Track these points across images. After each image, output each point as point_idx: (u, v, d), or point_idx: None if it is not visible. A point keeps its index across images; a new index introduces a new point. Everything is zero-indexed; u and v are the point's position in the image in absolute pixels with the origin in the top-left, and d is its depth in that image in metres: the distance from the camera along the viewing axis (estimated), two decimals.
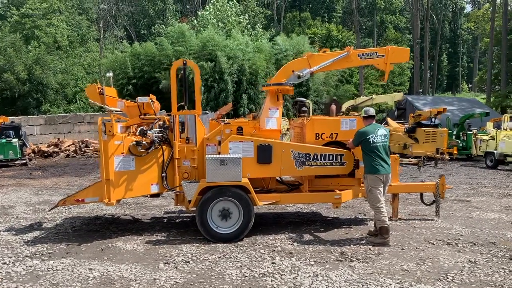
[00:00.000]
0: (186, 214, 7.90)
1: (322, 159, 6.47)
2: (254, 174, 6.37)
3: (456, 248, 5.78)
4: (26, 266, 5.05)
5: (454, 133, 21.07)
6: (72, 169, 16.04)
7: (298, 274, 4.78)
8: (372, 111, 6.37)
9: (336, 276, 4.72)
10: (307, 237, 6.33)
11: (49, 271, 4.91)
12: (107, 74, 23.65)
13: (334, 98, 8.48)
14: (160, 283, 4.56)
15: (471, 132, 20.55)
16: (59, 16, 34.08)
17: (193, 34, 28.66)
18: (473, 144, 19.80)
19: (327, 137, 6.65)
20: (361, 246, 5.85)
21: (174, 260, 5.28)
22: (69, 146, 22.31)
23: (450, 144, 18.88)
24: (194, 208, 6.37)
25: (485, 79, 40.89)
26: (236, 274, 4.81)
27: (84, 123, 25.69)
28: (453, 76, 63.40)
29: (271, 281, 4.60)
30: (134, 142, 6.20)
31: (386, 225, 5.94)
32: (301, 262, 5.18)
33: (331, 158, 6.49)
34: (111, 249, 5.74)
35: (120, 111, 6.89)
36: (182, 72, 6.94)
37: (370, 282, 4.56)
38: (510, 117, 19.20)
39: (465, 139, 20.72)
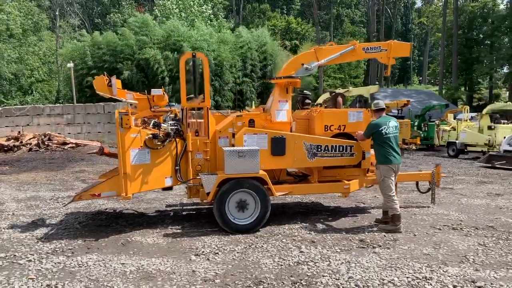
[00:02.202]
0: (189, 207, 7.90)
1: (333, 150, 6.68)
2: (268, 165, 6.47)
3: (462, 233, 6.17)
4: (55, 263, 4.91)
5: (416, 124, 22.00)
6: (40, 164, 15.42)
7: (330, 262, 4.95)
8: (382, 103, 6.63)
9: (367, 262, 4.94)
10: (320, 226, 6.53)
11: (81, 267, 4.81)
12: (68, 65, 23.03)
13: (337, 91, 8.68)
14: (201, 274, 4.60)
15: (433, 123, 21.56)
16: (11, 2, 32.30)
17: (157, 24, 28.15)
18: (435, 134, 20.78)
19: (335, 129, 6.85)
20: (376, 233, 6.12)
21: (203, 252, 5.31)
22: (30, 139, 21.32)
23: (412, 135, 19.74)
24: (207, 201, 6.42)
25: (437, 72, 42.77)
26: (271, 263, 4.92)
27: (43, 115, 24.57)
28: (405, 69, 65.81)
29: (308, 269, 4.75)
30: (150, 135, 6.13)
31: (398, 213, 6.23)
32: (327, 250, 5.36)
33: (341, 149, 6.71)
34: (132, 244, 5.68)
35: (132, 104, 6.74)
36: (191, 64, 6.84)
37: (400, 266, 4.81)
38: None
39: (426, 129, 21.70)
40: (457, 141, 18.68)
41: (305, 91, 7.86)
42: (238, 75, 28.08)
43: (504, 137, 17.26)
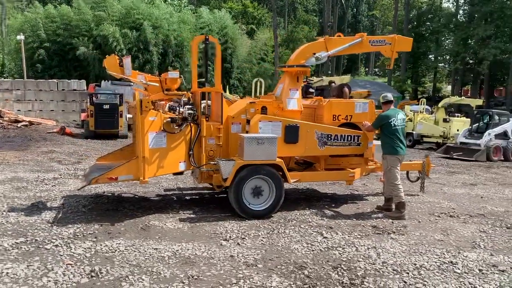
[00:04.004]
0: (189, 192, 7.89)
1: (342, 140, 6.90)
2: (281, 153, 6.53)
3: (460, 220, 6.62)
4: (84, 248, 4.76)
5: None
6: None
7: (357, 247, 5.17)
8: (390, 96, 6.91)
9: (391, 248, 5.21)
10: (329, 212, 6.76)
11: (113, 252, 4.71)
12: (18, 37, 21.84)
13: (333, 81, 8.92)
14: (240, 259, 4.66)
15: None
16: None
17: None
18: None
19: (342, 118, 7.06)
20: (384, 220, 6.43)
21: (230, 237, 5.36)
22: None
23: None
24: (220, 186, 6.46)
25: (386, 64, 44.30)
26: (302, 249, 5.06)
27: None
28: (353, 60, 67.59)
29: (340, 254, 4.94)
30: (168, 119, 6.03)
31: (403, 200, 6.57)
32: (349, 236, 5.58)
33: (349, 139, 6.94)
34: (152, 228, 5.60)
35: (144, 85, 6.56)
36: (204, 47, 6.73)
37: (423, 251, 5.12)
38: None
39: None
40: (414, 132, 19.66)
41: (308, 80, 7.98)
42: (199, 56, 27.66)
43: (457, 130, 18.46)
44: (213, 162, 6.41)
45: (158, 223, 5.84)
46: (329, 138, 6.81)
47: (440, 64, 42.71)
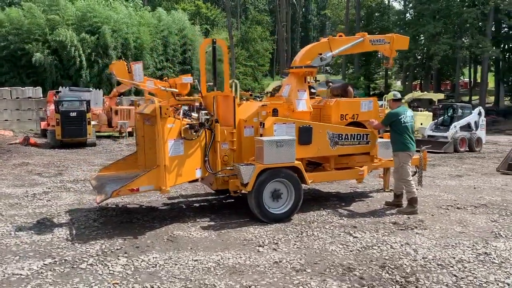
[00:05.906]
0: (194, 199, 7.71)
1: (352, 139, 6.97)
2: (296, 155, 6.50)
3: (468, 211, 6.87)
4: (122, 265, 4.51)
5: None
6: None
7: (391, 245, 5.23)
8: (399, 94, 7.06)
9: (422, 243, 5.31)
10: (344, 211, 6.80)
11: (154, 267, 4.49)
12: None
13: (330, 81, 9.01)
14: (286, 265, 4.58)
15: None
16: None
17: (69, 2, 26.01)
18: None
19: (350, 118, 7.14)
20: (399, 216, 6.55)
21: (263, 242, 5.27)
22: None
23: None
24: (237, 191, 6.35)
25: (340, 62, 45.40)
26: (340, 250, 5.06)
27: None
28: None
29: (379, 253, 4.98)
30: (187, 125, 5.85)
31: (415, 196, 6.73)
32: (376, 234, 5.64)
33: (359, 138, 7.02)
34: (180, 239, 5.40)
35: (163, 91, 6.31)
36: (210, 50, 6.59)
37: (454, 244, 5.26)
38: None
39: None
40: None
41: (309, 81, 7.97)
42: (159, 59, 27.20)
43: (421, 124, 19.19)
44: (229, 167, 6.29)
45: (183, 233, 5.64)
46: (340, 138, 6.86)
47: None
